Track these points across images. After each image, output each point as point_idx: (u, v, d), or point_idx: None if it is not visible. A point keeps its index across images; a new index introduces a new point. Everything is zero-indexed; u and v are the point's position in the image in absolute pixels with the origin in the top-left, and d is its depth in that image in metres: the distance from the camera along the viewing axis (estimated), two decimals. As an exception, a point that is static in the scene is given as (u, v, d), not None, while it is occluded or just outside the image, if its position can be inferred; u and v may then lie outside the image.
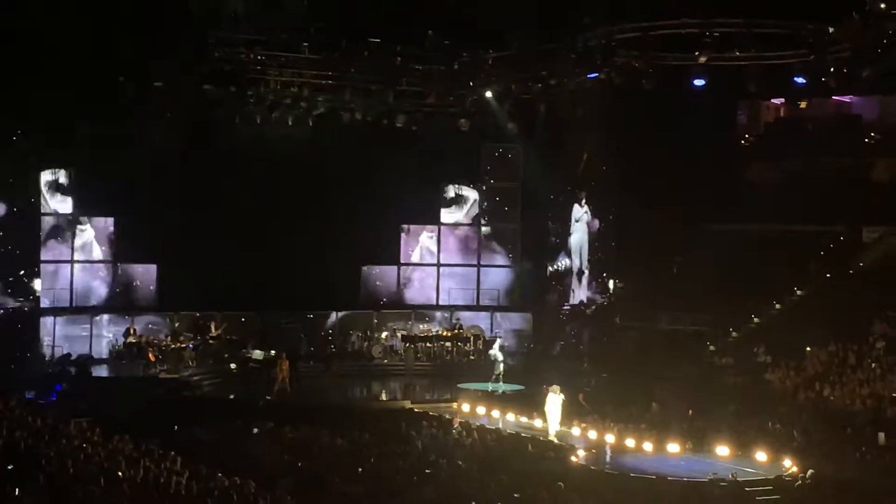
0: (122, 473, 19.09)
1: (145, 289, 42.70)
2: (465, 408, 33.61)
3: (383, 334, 43.90)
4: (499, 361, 37.97)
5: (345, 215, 42.62)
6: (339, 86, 39.07)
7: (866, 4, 32.02)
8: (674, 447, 28.06)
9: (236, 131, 40.10)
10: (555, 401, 30.13)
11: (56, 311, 40.84)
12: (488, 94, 40.39)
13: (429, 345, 43.29)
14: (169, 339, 40.49)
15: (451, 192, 46.83)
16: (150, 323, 41.72)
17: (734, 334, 38.64)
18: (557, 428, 30.05)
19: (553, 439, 29.47)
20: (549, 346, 43.87)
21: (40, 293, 40.35)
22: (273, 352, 38.60)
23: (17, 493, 16.87)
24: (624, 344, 40.74)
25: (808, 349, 34.91)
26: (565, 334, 44.10)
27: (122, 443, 22.96)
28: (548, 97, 39.51)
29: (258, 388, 36.38)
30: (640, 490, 23.92)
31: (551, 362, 40.50)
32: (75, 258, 41.75)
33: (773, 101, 48.07)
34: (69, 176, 41.30)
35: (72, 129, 39.15)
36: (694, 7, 33.48)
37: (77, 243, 41.80)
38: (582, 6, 36.31)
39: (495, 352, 38.77)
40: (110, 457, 21.01)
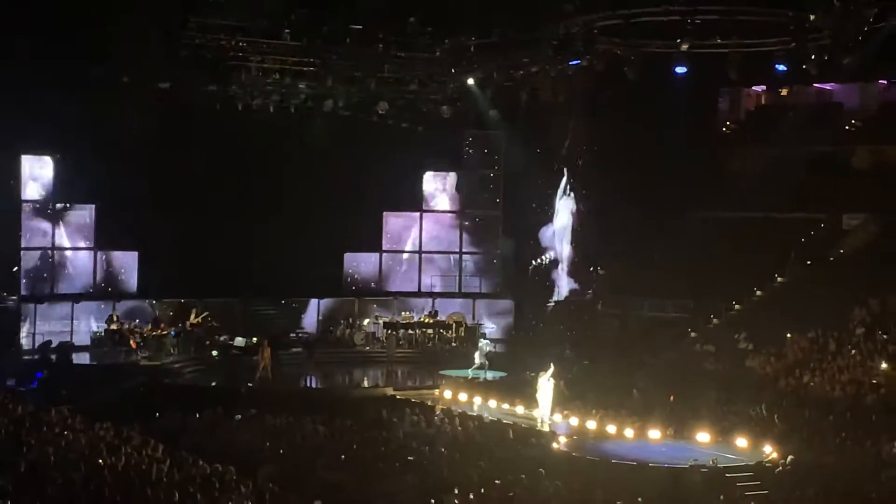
0: (103, 461, 19.13)
1: (126, 276, 42.56)
2: (448, 395, 33.66)
3: (365, 321, 43.89)
4: (484, 352, 37.99)
5: (326, 202, 42.48)
6: (321, 73, 39.01)
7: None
8: (655, 433, 28.17)
9: (217, 118, 39.96)
10: (546, 387, 30.13)
11: (37, 299, 40.66)
12: (470, 81, 40.38)
13: (411, 332, 43.30)
14: (150, 326, 40.40)
15: (432, 179, 46.82)
16: (132, 310, 41.58)
17: (715, 321, 38.77)
18: (548, 414, 29.99)
19: (545, 427, 29.43)
20: (531, 333, 43.89)
21: (21, 280, 40.21)
22: (255, 339, 38.59)
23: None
24: (605, 331, 40.84)
25: (789, 336, 35.07)
26: (547, 321, 44.11)
27: (104, 430, 22.98)
28: (530, 84, 39.51)
29: (240, 376, 36.41)
30: (621, 476, 24.00)
31: (534, 349, 40.50)
32: (56, 245, 41.56)
33: (754, 88, 48.29)
34: (50, 162, 41.11)
35: (52, 115, 38.88)
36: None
37: (58, 230, 41.61)
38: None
39: (481, 347, 38.67)
40: (91, 444, 21.03)
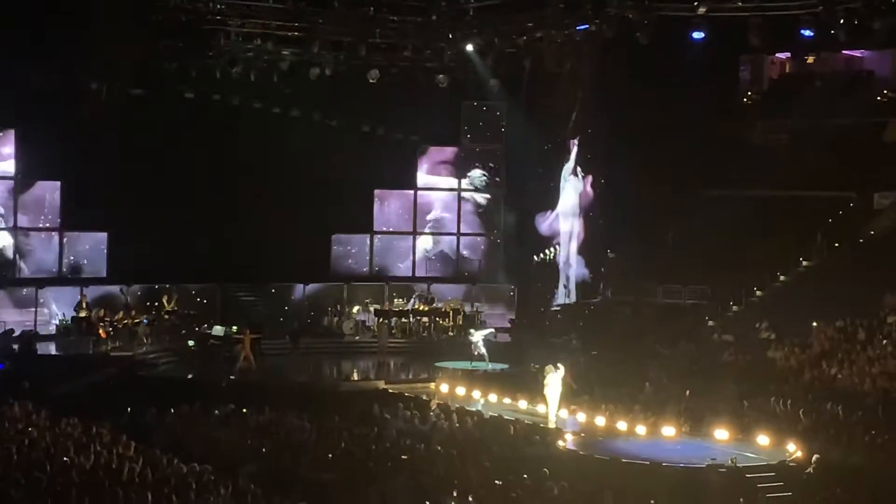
0: (69, 460, 19.06)
1: (94, 259, 42.50)
2: (444, 388, 33.61)
3: (354, 308, 43.82)
4: (479, 344, 37.89)
5: (311, 180, 42.40)
6: (307, 38, 38.87)
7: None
8: (669, 430, 28.16)
9: (193, 87, 39.84)
10: (555, 380, 30.06)
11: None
12: (469, 48, 40.29)
13: (404, 320, 43.23)
14: (121, 313, 40.26)
15: (428, 154, 46.73)
16: (101, 296, 41.49)
17: (734, 308, 38.80)
18: (556, 411, 29.95)
19: (552, 424, 29.41)
20: (534, 322, 43.86)
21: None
22: (235, 327, 38.56)
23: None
24: (615, 319, 40.82)
25: (815, 325, 35.03)
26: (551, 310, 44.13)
27: (70, 426, 22.93)
28: (534, 51, 39.43)
29: (219, 367, 36.43)
30: (632, 477, 23.99)
31: (537, 339, 40.48)
32: (18, 226, 41.48)
33: (777, 55, 48.20)
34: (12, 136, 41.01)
35: (12, 85, 38.75)
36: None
37: (21, 209, 41.52)
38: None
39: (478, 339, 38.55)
40: (57, 442, 20.98)
